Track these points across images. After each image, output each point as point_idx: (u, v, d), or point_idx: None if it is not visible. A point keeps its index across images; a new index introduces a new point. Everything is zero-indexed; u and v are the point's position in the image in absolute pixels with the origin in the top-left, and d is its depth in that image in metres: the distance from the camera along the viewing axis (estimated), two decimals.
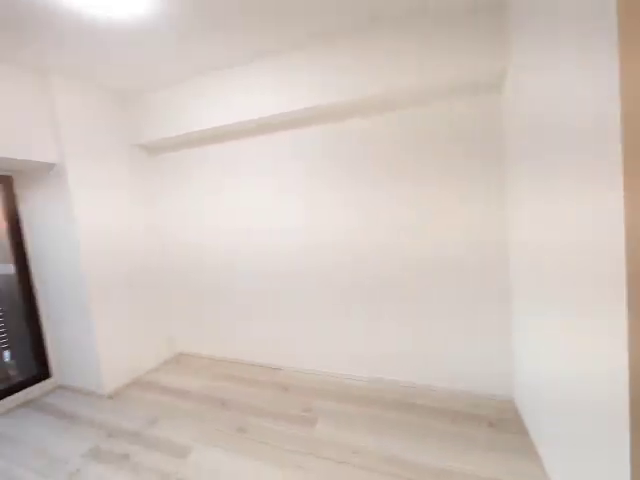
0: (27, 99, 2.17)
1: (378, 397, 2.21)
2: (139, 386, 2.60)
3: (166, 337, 3.06)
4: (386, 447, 1.75)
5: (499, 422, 1.88)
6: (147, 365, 2.85)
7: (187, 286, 3.04)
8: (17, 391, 2.49)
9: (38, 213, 2.50)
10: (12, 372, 2.91)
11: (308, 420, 2.02)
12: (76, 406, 2.38)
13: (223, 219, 2.77)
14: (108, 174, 2.58)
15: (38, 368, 2.65)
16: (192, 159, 2.80)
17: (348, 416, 2.03)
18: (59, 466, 1.79)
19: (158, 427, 2.06)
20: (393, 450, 1.73)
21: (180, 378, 2.68)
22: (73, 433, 2.06)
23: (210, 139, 2.68)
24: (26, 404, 2.45)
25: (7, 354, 2.98)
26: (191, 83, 2.47)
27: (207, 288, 2.95)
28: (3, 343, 2.91)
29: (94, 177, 2.47)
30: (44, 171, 2.38)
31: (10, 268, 2.58)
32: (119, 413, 2.25)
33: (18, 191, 2.54)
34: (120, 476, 1.69)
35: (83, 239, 2.37)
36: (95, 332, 2.44)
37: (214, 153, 2.71)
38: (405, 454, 1.69)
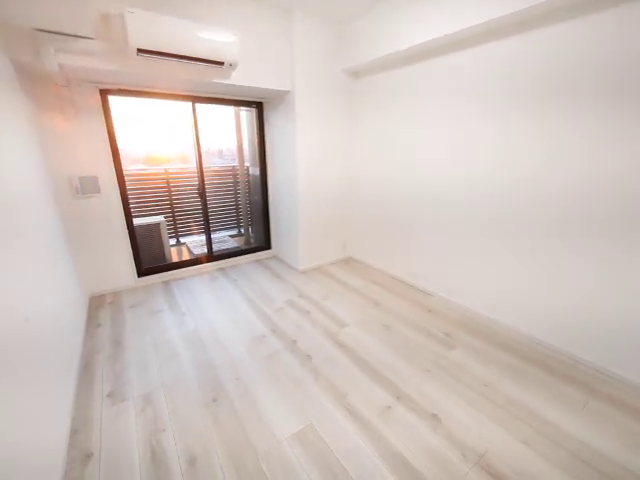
0: (275, 35, 2.80)
1: (518, 349, 2.07)
2: (320, 272, 3.45)
3: (342, 242, 3.76)
4: (519, 395, 1.72)
5: None
6: (326, 259, 3.68)
7: (364, 204, 3.50)
8: (252, 252, 3.86)
9: (276, 130, 3.39)
10: (252, 240, 4.44)
11: (447, 343, 2.18)
12: (282, 271, 3.47)
13: (405, 149, 2.88)
14: (325, 100, 3.12)
15: (265, 242, 3.94)
16: (387, 83, 2.93)
17: (485, 354, 2.05)
18: (270, 302, 2.79)
19: (329, 301, 2.78)
20: (525, 400, 1.68)
21: (347, 274, 3.34)
22: (280, 286, 3.09)
23: (403, 61, 2.69)
24: (256, 261, 3.78)
25: (250, 229, 4.51)
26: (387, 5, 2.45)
27: (379, 210, 3.30)
28: (250, 221, 4.40)
29: (313, 102, 3.05)
30: (281, 97, 3.13)
31: (257, 170, 3.75)
32: (306, 284, 3.13)
33: (265, 113, 3.49)
34: (304, 321, 2.48)
35: (299, 152, 3.10)
36: (298, 228, 3.33)
37: (404, 76, 2.72)
38: (538, 408, 1.62)
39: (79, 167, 2.61)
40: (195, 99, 3.02)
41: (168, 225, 4.09)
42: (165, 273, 3.28)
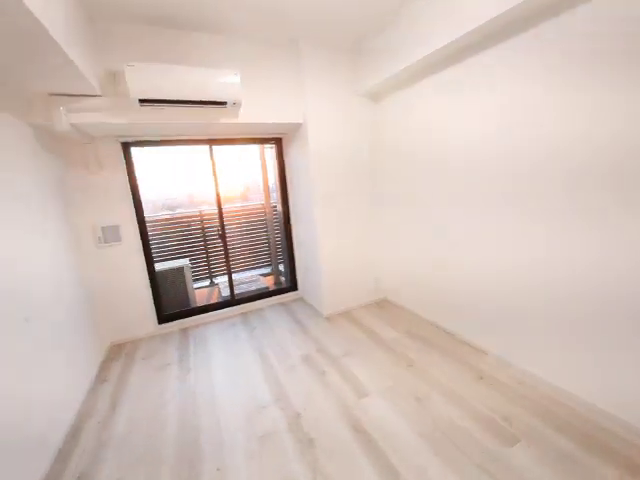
0: (281, 67, 2.69)
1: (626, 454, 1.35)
2: (347, 318, 3.01)
3: (374, 278, 3.29)
4: None
5: None
6: (356, 301, 3.23)
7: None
8: (277, 294, 3.59)
9: (294, 164, 3.21)
10: (282, 279, 4.20)
11: (504, 434, 1.56)
12: (306, 317, 3.11)
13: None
14: (341, 127, 2.88)
15: (291, 283, 3.66)
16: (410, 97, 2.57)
17: (569, 458, 1.39)
18: (284, 357, 2.43)
19: (351, 359, 2.32)
20: None
21: (378, 322, 2.85)
22: (299, 337, 2.72)
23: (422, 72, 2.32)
24: (281, 305, 3.49)
25: (280, 268, 4.29)
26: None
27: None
28: (279, 258, 4.19)
29: (324, 128, 2.82)
30: (296, 131, 2.97)
31: (279, 204, 3.58)
32: (328, 334, 2.72)
33: (284, 149, 3.35)
34: (317, 385, 2.06)
35: (316, 182, 2.85)
36: (320, 267, 2.99)
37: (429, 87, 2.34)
38: None
39: (102, 217, 2.68)
40: (212, 142, 3.01)
41: (200, 266, 4.09)
42: (185, 320, 3.16)
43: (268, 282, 4.23)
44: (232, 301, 3.39)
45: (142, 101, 2.10)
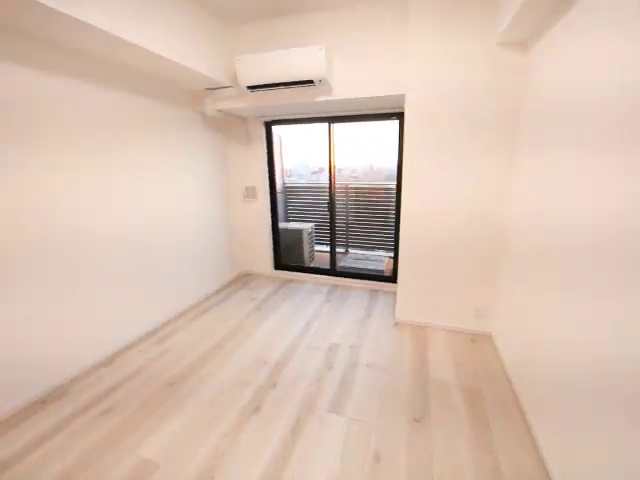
0: (385, 36, 2.34)
1: None
2: (416, 335, 2.53)
3: (474, 308, 2.48)
4: None
5: None
6: (442, 320, 2.60)
7: (522, 254, 2.11)
8: (374, 280, 3.47)
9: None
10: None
11: None
12: (378, 315, 2.89)
13: None
14: (458, 89, 2.19)
15: (394, 273, 3.40)
16: None
17: None
18: (320, 340, 2.49)
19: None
20: None
21: (454, 362, 2.23)
22: (352, 331, 2.65)
23: None
24: (372, 291, 3.37)
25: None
26: None
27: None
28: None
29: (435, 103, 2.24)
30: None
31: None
32: (379, 339, 2.46)
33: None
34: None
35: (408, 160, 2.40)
36: (400, 267, 2.60)
37: None
38: None
39: (246, 179, 3.57)
40: (331, 119, 3.12)
41: (324, 233, 4.53)
42: (291, 273, 3.75)
43: (388, 266, 4.08)
44: (331, 271, 3.63)
45: (249, 87, 2.55)
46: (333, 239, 3.60)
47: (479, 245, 2.33)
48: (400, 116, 2.94)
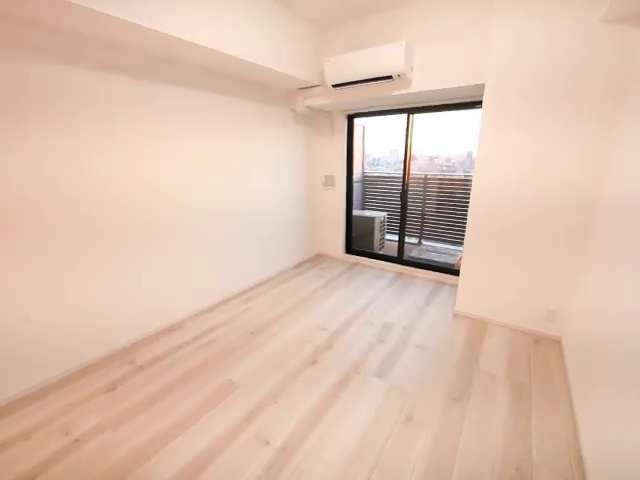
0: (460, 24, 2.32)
1: None
2: (473, 327, 2.55)
3: (545, 308, 2.36)
4: None
5: None
6: (503, 318, 2.55)
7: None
8: (446, 273, 3.50)
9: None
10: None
11: None
12: (437, 304, 2.97)
13: None
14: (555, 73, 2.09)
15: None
16: None
17: None
18: (371, 322, 2.73)
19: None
20: None
21: (505, 359, 2.23)
22: (409, 315, 2.81)
23: None
24: (438, 283, 3.42)
25: None
26: None
27: None
28: None
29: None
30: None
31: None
32: (433, 327, 2.58)
33: None
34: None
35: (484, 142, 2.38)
36: (464, 258, 2.63)
37: None
38: None
39: (327, 168, 3.93)
40: (409, 110, 3.20)
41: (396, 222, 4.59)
42: (360, 257, 4.02)
43: (459, 262, 3.98)
44: (398, 259, 3.76)
45: (334, 86, 2.84)
46: (403, 228, 3.70)
47: (560, 234, 2.18)
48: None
